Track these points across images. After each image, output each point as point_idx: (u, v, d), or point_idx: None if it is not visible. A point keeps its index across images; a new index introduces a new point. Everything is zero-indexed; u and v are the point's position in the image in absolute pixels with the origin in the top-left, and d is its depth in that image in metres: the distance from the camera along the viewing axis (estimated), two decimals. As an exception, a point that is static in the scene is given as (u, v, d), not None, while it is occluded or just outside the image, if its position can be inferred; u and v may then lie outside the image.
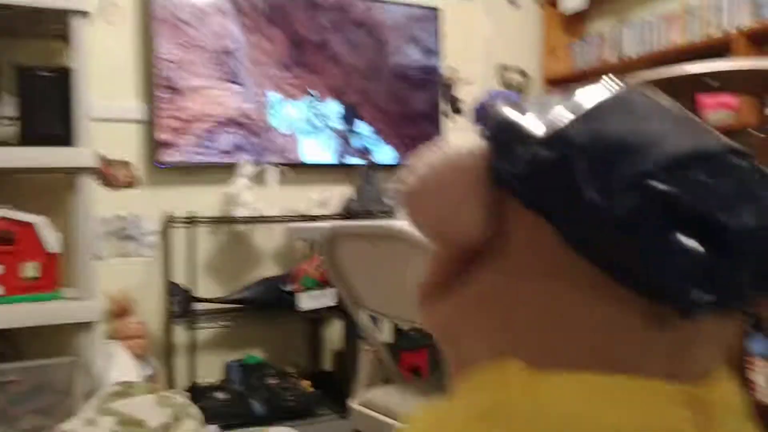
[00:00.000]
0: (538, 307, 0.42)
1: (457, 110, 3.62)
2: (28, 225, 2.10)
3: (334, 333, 3.21)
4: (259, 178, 2.92)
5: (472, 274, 0.46)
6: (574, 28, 3.87)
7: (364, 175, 3.08)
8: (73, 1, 2.16)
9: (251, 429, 1.67)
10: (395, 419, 1.50)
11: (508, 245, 0.44)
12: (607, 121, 0.43)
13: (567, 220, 0.41)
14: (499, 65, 3.77)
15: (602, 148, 0.41)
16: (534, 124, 0.44)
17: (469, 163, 0.44)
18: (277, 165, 2.99)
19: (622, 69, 3.59)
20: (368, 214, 3.00)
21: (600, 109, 0.44)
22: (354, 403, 1.64)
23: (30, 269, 2.15)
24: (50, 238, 2.13)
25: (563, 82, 3.81)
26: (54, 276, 2.15)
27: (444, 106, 3.54)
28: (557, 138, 0.42)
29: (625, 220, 0.39)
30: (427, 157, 0.46)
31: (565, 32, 3.85)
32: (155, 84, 2.84)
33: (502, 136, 0.44)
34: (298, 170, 3.12)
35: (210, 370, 2.95)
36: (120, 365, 1.57)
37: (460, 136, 0.47)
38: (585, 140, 0.41)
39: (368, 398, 1.61)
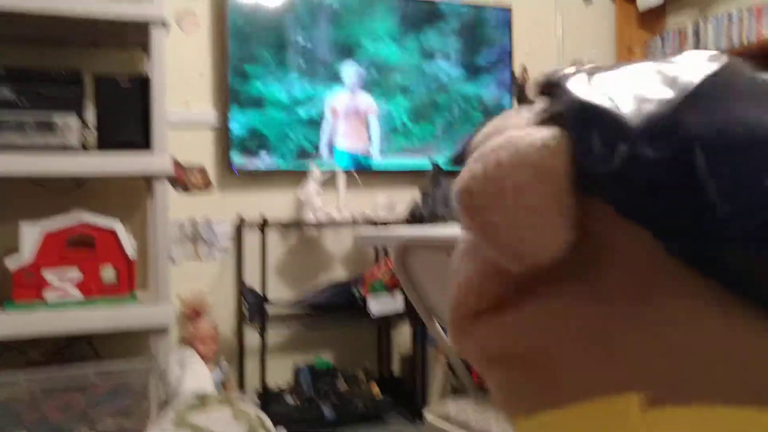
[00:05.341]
0: (656, 333, 0.35)
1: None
2: (108, 230, 2.15)
3: (402, 337, 3.18)
4: (329, 183, 2.92)
5: (543, 293, 0.39)
6: (650, 24, 3.73)
7: (431, 178, 3.04)
8: (153, 12, 2.20)
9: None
10: (471, 434, 1.46)
11: (599, 262, 0.37)
12: (730, 107, 0.34)
13: (683, 233, 0.34)
14: (573, 63, 3.66)
15: (731, 145, 0.33)
16: (625, 107, 0.35)
17: (547, 161, 0.36)
18: (346, 170, 2.98)
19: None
20: (436, 218, 2.95)
21: (715, 87, 0.35)
22: (429, 415, 1.61)
23: (108, 273, 2.20)
24: (128, 243, 2.17)
25: (640, 80, 3.67)
26: (131, 280, 2.20)
27: (516, 105, 3.46)
28: (665, 130, 0.33)
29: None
30: (491, 150, 0.37)
31: (641, 28, 3.72)
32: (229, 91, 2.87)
33: (587, 126, 0.36)
34: (367, 175, 3.11)
35: (280, 373, 2.96)
36: (194, 372, 1.58)
37: (525, 119, 0.40)
38: (705, 134, 0.33)
39: (444, 411, 1.57)
